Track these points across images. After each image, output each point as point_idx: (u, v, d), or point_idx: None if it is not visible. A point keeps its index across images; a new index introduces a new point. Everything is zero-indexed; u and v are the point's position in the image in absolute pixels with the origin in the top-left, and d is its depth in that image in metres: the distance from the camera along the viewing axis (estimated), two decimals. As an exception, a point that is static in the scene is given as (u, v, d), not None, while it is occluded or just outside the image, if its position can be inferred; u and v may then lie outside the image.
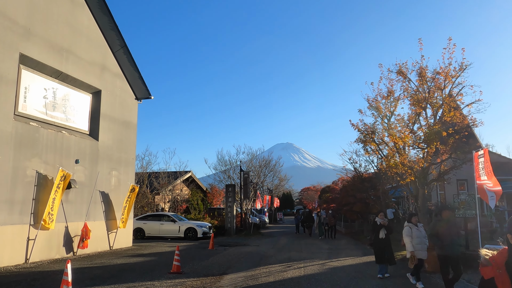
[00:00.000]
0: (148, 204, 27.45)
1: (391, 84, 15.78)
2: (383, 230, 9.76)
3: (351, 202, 23.82)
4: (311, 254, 15.52)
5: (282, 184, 57.01)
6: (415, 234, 8.97)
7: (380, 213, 10.12)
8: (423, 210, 14.40)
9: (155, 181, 29.19)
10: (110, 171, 16.67)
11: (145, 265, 12.35)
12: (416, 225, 9.15)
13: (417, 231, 9.05)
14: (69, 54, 14.37)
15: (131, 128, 18.36)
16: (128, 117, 18.19)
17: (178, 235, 22.36)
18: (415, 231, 9.06)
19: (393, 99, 15.70)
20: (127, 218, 17.14)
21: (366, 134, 14.89)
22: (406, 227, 9.14)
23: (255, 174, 28.83)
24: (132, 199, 17.47)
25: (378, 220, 9.92)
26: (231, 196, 26.02)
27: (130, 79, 18.25)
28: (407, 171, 13.85)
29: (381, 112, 15.76)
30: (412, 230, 9.02)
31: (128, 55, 17.49)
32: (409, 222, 9.18)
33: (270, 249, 17.64)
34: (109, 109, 16.76)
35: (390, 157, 13.77)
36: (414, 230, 9.05)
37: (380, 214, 10.01)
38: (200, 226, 22.46)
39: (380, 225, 9.77)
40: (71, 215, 14.22)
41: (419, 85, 13.82)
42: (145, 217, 23.40)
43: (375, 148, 15.24)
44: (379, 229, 9.76)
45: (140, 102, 19.32)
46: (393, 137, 13.49)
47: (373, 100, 16.17)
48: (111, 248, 16.36)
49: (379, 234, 9.72)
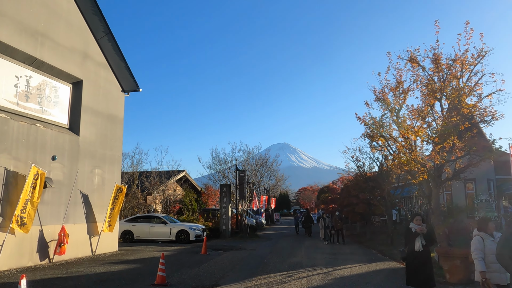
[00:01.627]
0: (139, 205, 25.98)
1: (400, 74, 14.42)
2: (420, 240, 7.07)
3: (353, 203, 22.48)
4: (313, 260, 14.14)
5: (279, 184, 55.60)
6: (489, 248, 5.95)
7: (415, 216, 7.33)
8: (437, 212, 13.06)
9: (146, 181, 27.73)
10: (92, 169, 15.22)
11: (127, 274, 10.93)
12: (491, 235, 6.15)
13: (492, 244, 5.96)
14: (45, 39, 12.91)
15: (117, 122, 16.91)
16: (114, 110, 16.74)
17: (169, 238, 20.92)
18: (490, 243, 6.00)
19: (402, 91, 14.37)
20: (114, 221, 15.67)
21: (374, 129, 13.52)
22: (476, 236, 6.20)
23: (251, 174, 27.45)
24: (120, 200, 16.01)
25: (413, 227, 7.20)
26: (226, 197, 24.61)
27: (115, 69, 16.81)
28: (419, 169, 12.50)
29: (389, 104, 14.43)
30: (485, 242, 6.05)
31: (113, 43, 16.05)
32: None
33: (268, 254, 16.25)
34: (92, 101, 15.31)
35: (402, 153, 12.39)
36: (488, 242, 6.03)
37: (416, 218, 7.23)
38: (193, 229, 21.04)
39: (416, 233, 7.09)
40: (47, 218, 12.76)
41: (434, 73, 12.47)
42: (134, 218, 21.95)
43: (383, 143, 13.87)
44: (414, 239, 7.11)
45: (127, 95, 17.89)
46: (405, 131, 12.13)
47: (380, 92, 14.83)
48: (94, 254, 14.91)
49: (415, 245, 7.10)
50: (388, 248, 17.38)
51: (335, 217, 20.93)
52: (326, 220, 21.07)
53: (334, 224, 20.76)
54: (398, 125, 12.47)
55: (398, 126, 12.46)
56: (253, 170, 27.00)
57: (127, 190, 26.57)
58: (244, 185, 25.11)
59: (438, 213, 13.04)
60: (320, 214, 57.15)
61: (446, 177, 13.27)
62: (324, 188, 50.90)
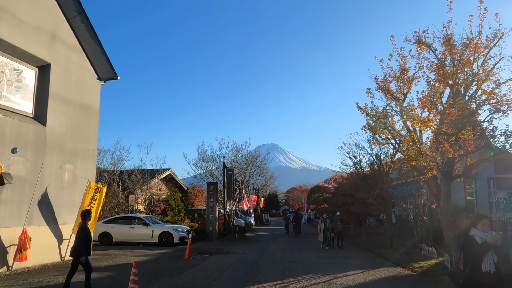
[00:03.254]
0: (119, 205, 24.26)
1: (404, 61, 13.18)
2: (492, 257, 4.73)
3: (348, 202, 21.13)
4: (310, 266, 12.71)
5: (268, 183, 54.16)
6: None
7: (482, 219, 4.92)
8: (447, 212, 11.76)
9: (128, 179, 25.99)
10: (62, 164, 13.55)
11: (95, 285, 9.33)
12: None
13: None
14: (3, 14, 11.23)
15: (91, 113, 15.25)
16: (88, 99, 15.08)
17: (151, 241, 19.31)
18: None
19: (407, 79, 13.07)
20: (93, 223, 13.88)
21: (377, 120, 12.16)
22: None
23: (240, 172, 25.94)
24: (98, 201, 14.24)
25: (478, 235, 4.80)
26: (213, 196, 23.06)
27: (90, 54, 15.15)
28: (428, 164, 11.17)
29: (392, 94, 13.12)
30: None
31: (87, 24, 14.39)
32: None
33: (259, 258, 14.78)
34: (62, 88, 13.65)
35: (409, 147, 11.04)
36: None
37: (483, 223, 4.85)
38: (177, 230, 19.44)
39: (485, 245, 4.67)
40: (5, 219, 11.07)
41: (445, 57, 11.15)
42: (113, 219, 20.27)
43: (387, 136, 12.53)
44: (483, 253, 4.69)
45: (104, 83, 16.23)
46: (413, 120, 10.79)
47: (383, 80, 13.52)
48: (62, 260, 13.24)
49: (482, 264, 4.70)
50: (388, 251, 16.04)
51: (336, 218, 18.23)
52: (326, 221, 18.13)
53: (334, 226, 18.14)
54: (406, 115, 11.10)
55: (406, 116, 11.09)
56: (242, 167, 25.46)
57: (107, 189, 24.93)
58: (232, 183, 23.60)
59: (448, 214, 11.75)
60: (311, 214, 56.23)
61: (456, 174, 11.98)
62: (315, 187, 49.57)
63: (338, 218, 18.07)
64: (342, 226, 18.13)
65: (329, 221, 18.08)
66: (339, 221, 18.00)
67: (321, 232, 17.85)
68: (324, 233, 17.73)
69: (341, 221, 18.08)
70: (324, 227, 17.80)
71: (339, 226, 17.96)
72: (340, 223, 17.94)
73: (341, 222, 18.00)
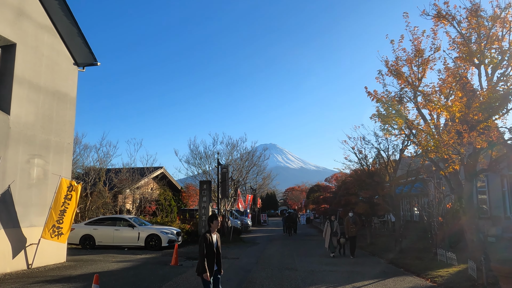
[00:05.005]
0: (106, 205, 22.61)
1: (418, 41, 11.62)
2: None
3: (352, 202, 19.53)
4: (312, 274, 11.11)
5: (266, 183, 52.50)
6: None
7: None
8: (470, 212, 10.19)
9: (115, 178, 24.33)
10: (30, 159, 11.92)
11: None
12: None
13: None
14: (-45, -19, 9.61)
15: (66, 102, 13.62)
16: (63, 86, 13.46)
17: (137, 244, 17.68)
18: None
19: (421, 62, 11.49)
20: (67, 227, 12.26)
21: (390, 106, 10.57)
22: None
23: (235, 169, 24.31)
24: (74, 200, 12.58)
25: None
26: (207, 195, 21.44)
27: (65, 35, 13.54)
28: (450, 157, 9.60)
29: (404, 79, 11.54)
30: None
31: (61, 2, 12.78)
32: None
33: (254, 264, 13.19)
34: (31, 72, 12.03)
35: (429, 136, 9.44)
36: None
37: None
38: (165, 233, 17.81)
39: None
40: (-45, 222, 9.45)
41: (470, 32, 9.58)
42: (96, 221, 18.61)
43: (400, 126, 10.94)
44: None
45: (83, 69, 14.63)
46: (434, 106, 9.22)
47: (394, 63, 11.94)
48: (30, 267, 11.61)
49: None
50: (398, 256, 14.45)
51: (347, 220, 15.16)
52: (334, 224, 15.29)
53: (346, 230, 15.03)
54: (425, 99, 9.51)
55: (425, 100, 9.49)
56: (237, 165, 23.84)
57: (92, 188, 23.28)
58: (227, 181, 21.98)
59: (471, 214, 10.17)
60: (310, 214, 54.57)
61: (481, 169, 10.40)
62: (314, 187, 47.94)
63: (350, 220, 15.17)
64: (355, 229, 15.18)
65: (337, 224, 15.44)
66: (352, 223, 15.12)
67: (328, 237, 15.15)
68: (331, 238, 15.08)
69: (354, 223, 15.17)
70: (331, 231, 15.09)
71: (352, 230, 15.04)
72: (353, 226, 15.07)
73: (354, 225, 15.11)
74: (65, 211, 12.05)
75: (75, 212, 12.53)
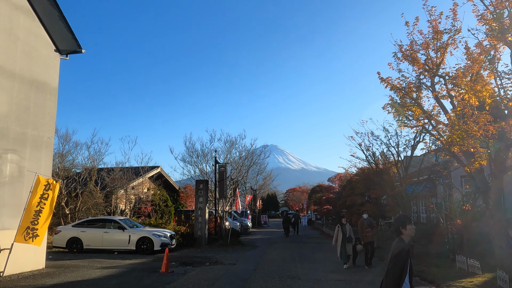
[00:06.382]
0: (97, 206, 21.37)
1: (436, 23, 10.39)
2: None
3: (357, 203, 18.27)
4: (317, 284, 9.84)
5: (267, 183, 51.20)
6: None
7: None
8: (498, 215, 8.92)
9: (107, 177, 23.08)
10: (2, 154, 10.69)
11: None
12: None
13: None
14: None
15: (46, 92, 12.39)
16: (42, 75, 12.23)
17: (128, 248, 16.45)
18: None
19: (439, 47, 10.24)
20: (43, 229, 10.98)
21: (405, 94, 9.31)
22: None
23: (234, 168, 23.06)
24: (51, 200, 11.31)
25: None
26: (203, 195, 20.20)
27: (45, 19, 12.32)
28: (477, 150, 8.34)
29: (420, 65, 10.30)
30: None
31: (40, -20, 11.58)
32: None
33: (252, 271, 11.93)
34: (3, 56, 10.81)
35: (455, 125, 8.17)
36: None
37: None
38: (158, 235, 16.56)
39: None
40: None
41: (501, 7, 8.33)
42: (85, 223, 17.38)
43: (417, 117, 9.67)
44: None
45: (66, 57, 13.41)
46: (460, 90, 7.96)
47: (408, 49, 10.69)
48: (1, 275, 10.36)
49: None
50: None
51: (361, 223, 12.90)
52: (345, 228, 12.86)
53: (360, 234, 12.81)
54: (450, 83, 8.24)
55: (452, 83, 8.22)
56: (236, 164, 22.60)
57: (83, 187, 22.05)
58: (225, 181, 20.73)
59: (500, 217, 8.90)
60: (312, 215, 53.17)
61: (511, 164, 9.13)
62: (316, 187, 46.59)
63: (365, 222, 12.92)
64: (372, 234, 12.96)
65: (350, 228, 13.06)
66: (368, 226, 12.89)
67: (340, 244, 12.58)
68: (343, 245, 12.50)
69: (370, 226, 12.93)
70: (343, 237, 12.57)
71: (367, 235, 12.82)
72: (368, 229, 12.86)
73: (369, 228, 12.89)
74: (40, 212, 10.78)
75: (52, 212, 11.28)
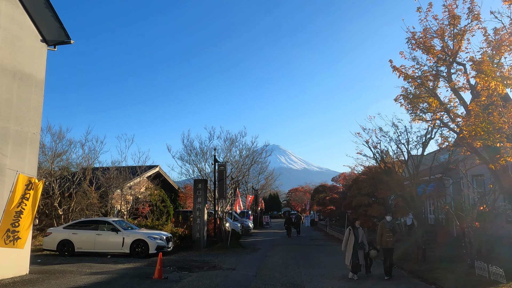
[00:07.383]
0: (91, 206, 20.53)
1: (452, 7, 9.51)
2: None
3: (364, 203, 17.36)
4: (323, 293, 8.95)
5: (269, 183, 50.25)
6: None
7: None
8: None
9: (102, 176, 22.24)
10: (-20, 151, 9.85)
11: None
12: None
13: None
14: None
15: (31, 84, 11.54)
16: (26, 66, 11.39)
17: (121, 251, 15.59)
18: None
19: (456, 33, 9.35)
20: (25, 232, 10.12)
21: (421, 84, 8.42)
22: None
23: (235, 168, 22.17)
24: (33, 200, 10.44)
25: None
26: (202, 195, 19.34)
27: (30, 7, 11.48)
28: (504, 145, 7.45)
29: (437, 53, 9.41)
30: None
31: (23, -36, 10.74)
32: None
33: (252, 278, 11.05)
34: (-18, 46, 9.97)
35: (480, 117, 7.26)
36: None
37: None
38: (153, 238, 15.70)
39: None
40: None
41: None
42: (77, 224, 16.53)
43: (434, 109, 8.77)
44: None
45: (54, 48, 12.58)
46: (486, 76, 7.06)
47: (421, 36, 9.80)
48: (-22, 283, 9.54)
49: None
50: (423, 267, 12.27)
51: (383, 225, 10.92)
52: (358, 232, 10.99)
53: (379, 239, 10.90)
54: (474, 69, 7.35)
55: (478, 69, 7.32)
56: (237, 162, 21.73)
57: (77, 187, 21.22)
58: (224, 180, 19.85)
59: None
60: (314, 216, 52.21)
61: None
62: (319, 187, 45.63)
63: (387, 226, 10.89)
64: (393, 239, 10.91)
65: (363, 232, 11.26)
66: (389, 230, 10.84)
67: (350, 250, 10.78)
68: (354, 252, 10.67)
69: (392, 231, 10.91)
70: (354, 242, 10.74)
71: (388, 240, 10.79)
72: (390, 234, 10.81)
73: (391, 233, 10.85)
74: (21, 213, 9.93)
75: (34, 213, 10.42)
